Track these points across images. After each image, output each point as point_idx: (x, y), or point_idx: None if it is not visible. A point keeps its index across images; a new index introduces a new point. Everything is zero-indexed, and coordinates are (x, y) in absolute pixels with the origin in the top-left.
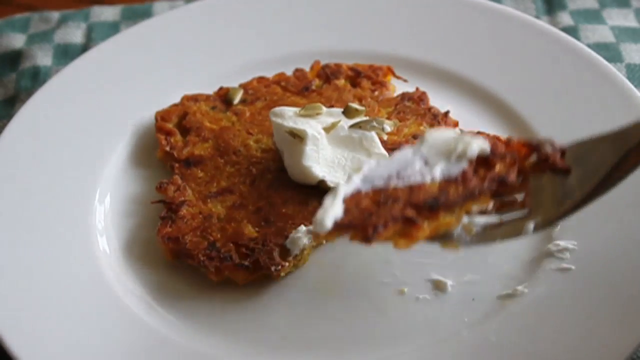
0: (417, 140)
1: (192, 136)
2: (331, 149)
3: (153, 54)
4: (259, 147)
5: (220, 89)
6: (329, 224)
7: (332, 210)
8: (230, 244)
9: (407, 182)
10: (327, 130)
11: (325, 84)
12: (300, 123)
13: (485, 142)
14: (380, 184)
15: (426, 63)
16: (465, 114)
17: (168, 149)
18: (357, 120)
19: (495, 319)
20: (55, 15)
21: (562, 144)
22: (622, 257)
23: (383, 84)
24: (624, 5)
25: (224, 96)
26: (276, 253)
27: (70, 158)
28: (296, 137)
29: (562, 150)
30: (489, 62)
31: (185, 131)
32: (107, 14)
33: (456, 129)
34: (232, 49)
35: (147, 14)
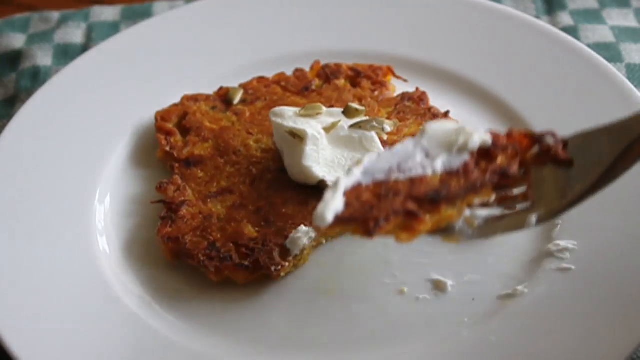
0: (418, 132)
1: (192, 136)
2: (331, 149)
3: (153, 54)
4: (259, 147)
5: (220, 89)
6: (329, 217)
7: (333, 204)
8: (230, 244)
9: (408, 175)
10: (327, 130)
11: (325, 84)
12: (300, 123)
13: (487, 134)
14: (381, 176)
15: (426, 63)
16: (465, 114)
17: (168, 149)
18: (357, 120)
19: (495, 319)
20: (55, 15)
21: (564, 136)
22: (622, 257)
23: (383, 84)
24: (624, 5)
25: (224, 96)
26: (276, 253)
27: (70, 158)
28: (296, 137)
29: (564, 141)
30: (489, 62)
31: (185, 131)
32: (107, 14)
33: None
34: (232, 49)
35: (147, 14)
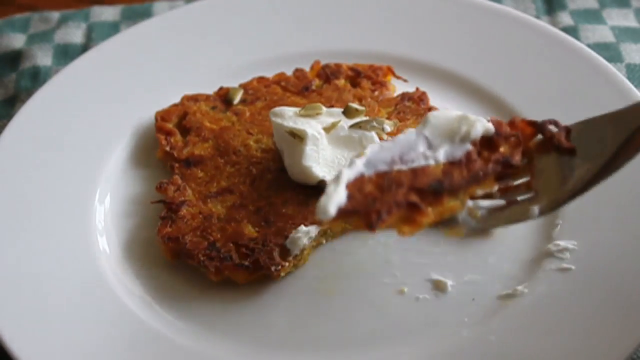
0: (420, 122)
1: (192, 136)
2: (331, 149)
3: (153, 54)
4: (259, 147)
5: (220, 89)
6: (332, 210)
7: (336, 196)
8: (230, 244)
9: (411, 166)
10: (327, 130)
11: (325, 84)
12: (300, 123)
13: (489, 122)
14: (383, 168)
15: (426, 63)
16: None
17: (168, 149)
18: (357, 120)
19: (495, 319)
20: (55, 15)
21: (567, 124)
22: (622, 257)
23: (383, 84)
24: (624, 5)
25: (224, 96)
26: (276, 253)
27: (70, 158)
28: (296, 137)
29: (567, 129)
30: (489, 62)
31: (185, 131)
32: (107, 14)
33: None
34: (232, 49)
35: (147, 14)
